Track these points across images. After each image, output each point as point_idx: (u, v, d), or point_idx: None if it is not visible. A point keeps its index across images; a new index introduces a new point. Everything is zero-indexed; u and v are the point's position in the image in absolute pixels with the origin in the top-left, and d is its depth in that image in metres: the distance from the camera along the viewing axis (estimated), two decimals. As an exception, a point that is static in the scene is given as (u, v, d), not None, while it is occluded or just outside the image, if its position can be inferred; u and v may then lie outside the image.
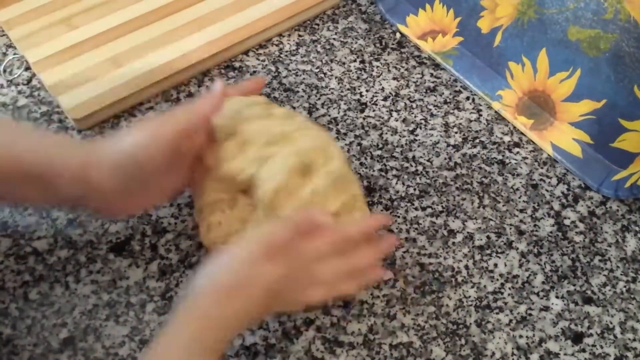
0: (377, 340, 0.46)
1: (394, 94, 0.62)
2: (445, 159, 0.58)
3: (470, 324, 0.48)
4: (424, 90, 0.63)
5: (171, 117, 0.43)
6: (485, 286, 0.50)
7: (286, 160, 0.43)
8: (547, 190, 0.56)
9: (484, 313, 0.48)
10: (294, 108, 0.60)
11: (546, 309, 0.49)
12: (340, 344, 0.46)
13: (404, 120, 0.60)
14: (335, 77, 0.63)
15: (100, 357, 0.44)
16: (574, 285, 0.51)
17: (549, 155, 0.59)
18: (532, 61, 0.58)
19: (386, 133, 0.59)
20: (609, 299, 0.50)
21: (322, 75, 0.63)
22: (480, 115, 0.62)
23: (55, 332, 0.45)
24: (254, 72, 0.63)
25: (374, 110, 0.61)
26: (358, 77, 0.63)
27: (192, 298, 0.38)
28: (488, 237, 0.53)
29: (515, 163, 0.58)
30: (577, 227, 0.54)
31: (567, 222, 0.54)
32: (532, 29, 0.57)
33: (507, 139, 0.60)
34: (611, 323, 0.49)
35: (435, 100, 0.62)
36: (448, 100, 0.62)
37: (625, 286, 0.51)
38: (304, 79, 0.63)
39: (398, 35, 0.68)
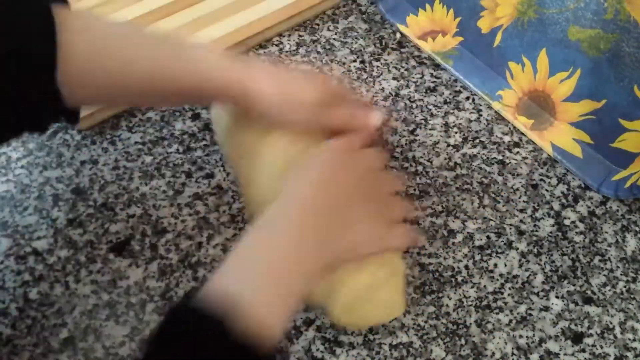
0: (377, 340, 0.46)
1: (394, 94, 0.62)
2: (445, 159, 0.58)
3: (470, 324, 0.48)
4: (424, 90, 0.63)
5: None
6: (485, 286, 0.50)
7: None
8: (547, 190, 0.56)
9: (484, 313, 0.48)
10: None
11: (546, 309, 0.49)
12: (340, 344, 0.46)
13: (404, 120, 0.60)
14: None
15: (100, 357, 0.44)
16: (574, 285, 0.51)
17: (549, 155, 0.59)
18: (532, 61, 0.58)
19: (386, 133, 0.59)
20: (609, 299, 0.50)
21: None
22: (480, 115, 0.62)
23: (55, 332, 0.45)
24: (254, 72, 0.63)
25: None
26: (358, 77, 0.63)
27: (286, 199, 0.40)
28: (488, 237, 0.53)
29: (515, 163, 0.58)
30: (577, 227, 0.54)
31: (567, 222, 0.54)
32: (532, 29, 0.57)
33: (507, 139, 0.60)
34: (611, 323, 0.49)
35: (435, 100, 0.62)
36: (448, 100, 0.62)
37: (625, 286, 0.51)
38: (304, 79, 0.63)
39: (398, 35, 0.68)
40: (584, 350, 0.47)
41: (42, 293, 0.46)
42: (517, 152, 0.59)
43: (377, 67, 0.65)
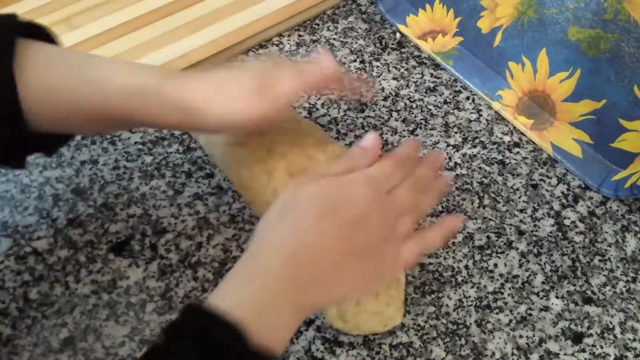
0: (377, 340, 0.46)
1: (394, 94, 0.62)
2: (445, 159, 0.58)
3: (470, 324, 0.48)
4: (424, 90, 0.63)
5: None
6: (485, 286, 0.50)
7: None
8: (547, 190, 0.56)
9: (484, 313, 0.48)
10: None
11: (546, 309, 0.49)
12: (340, 344, 0.46)
13: (404, 120, 0.60)
14: (335, 77, 0.63)
15: (100, 357, 0.44)
16: (574, 285, 0.51)
17: (549, 155, 0.59)
18: (532, 61, 0.58)
19: (386, 133, 0.59)
20: (609, 299, 0.50)
21: (322, 75, 0.63)
22: (480, 115, 0.62)
23: (55, 332, 0.45)
24: (254, 72, 0.63)
25: (374, 110, 0.61)
26: (358, 77, 0.63)
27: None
28: (488, 237, 0.53)
29: (515, 163, 0.58)
30: (577, 227, 0.54)
31: (567, 222, 0.54)
32: (532, 29, 0.57)
33: (507, 139, 0.60)
34: (611, 323, 0.49)
35: (435, 100, 0.62)
36: (448, 100, 0.62)
37: (625, 286, 0.51)
38: (304, 79, 0.63)
39: (398, 35, 0.68)
40: (584, 350, 0.47)
41: (42, 293, 0.46)
42: (517, 152, 0.59)
43: (377, 67, 0.65)
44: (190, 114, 0.39)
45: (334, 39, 0.67)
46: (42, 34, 0.39)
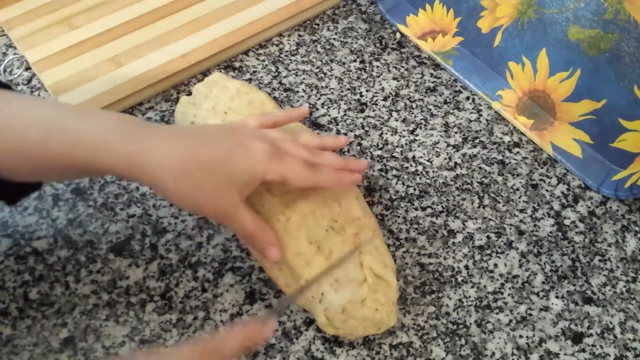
0: (377, 340, 0.46)
1: (394, 94, 0.62)
2: (445, 159, 0.58)
3: (470, 324, 0.48)
4: (424, 90, 0.63)
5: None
6: (485, 286, 0.50)
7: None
8: (547, 190, 0.56)
9: (484, 313, 0.48)
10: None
11: (546, 309, 0.49)
12: (340, 344, 0.46)
13: (404, 120, 0.60)
14: (335, 77, 0.63)
15: (100, 357, 0.44)
16: (574, 285, 0.51)
17: (549, 155, 0.59)
18: (532, 61, 0.58)
19: (386, 133, 0.59)
20: (609, 299, 0.50)
21: (322, 75, 0.63)
22: (480, 115, 0.62)
23: (55, 332, 0.45)
24: (254, 72, 0.63)
25: (374, 110, 0.61)
26: (358, 77, 0.63)
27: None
28: (488, 237, 0.53)
29: (515, 163, 0.58)
30: (577, 227, 0.54)
31: (567, 222, 0.54)
32: (532, 29, 0.57)
33: (507, 139, 0.60)
34: (611, 323, 0.49)
35: (435, 100, 0.62)
36: (448, 100, 0.62)
37: (625, 286, 0.51)
38: (304, 79, 0.63)
39: (398, 35, 0.68)
40: (584, 350, 0.47)
41: (42, 293, 0.46)
42: (517, 152, 0.59)
43: (377, 67, 0.65)
44: (155, 189, 0.40)
45: (334, 39, 0.67)
46: None
